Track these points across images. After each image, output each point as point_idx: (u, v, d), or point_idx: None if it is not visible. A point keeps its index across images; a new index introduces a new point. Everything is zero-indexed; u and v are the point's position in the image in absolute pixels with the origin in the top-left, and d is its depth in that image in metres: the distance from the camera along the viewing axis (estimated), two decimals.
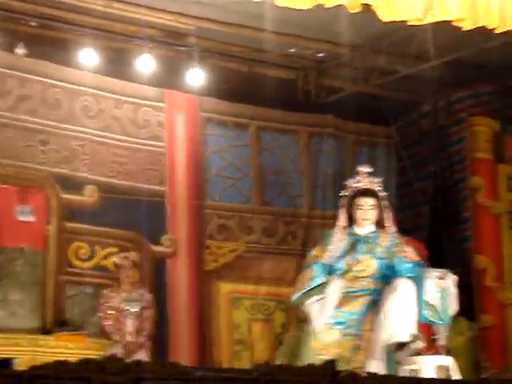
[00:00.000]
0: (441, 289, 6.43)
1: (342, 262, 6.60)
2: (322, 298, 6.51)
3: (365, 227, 6.68)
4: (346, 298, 6.53)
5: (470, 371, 8.78)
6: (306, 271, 6.70)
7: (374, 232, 6.68)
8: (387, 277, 6.59)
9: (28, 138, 8.85)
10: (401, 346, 6.36)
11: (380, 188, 6.72)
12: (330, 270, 6.64)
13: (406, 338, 6.34)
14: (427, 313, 6.46)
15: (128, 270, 8.36)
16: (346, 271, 6.60)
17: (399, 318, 6.37)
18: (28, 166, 8.79)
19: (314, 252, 6.78)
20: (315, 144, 10.32)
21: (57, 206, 8.87)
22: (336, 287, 6.52)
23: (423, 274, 6.50)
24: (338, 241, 6.67)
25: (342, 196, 6.76)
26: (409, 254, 6.64)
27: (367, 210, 6.64)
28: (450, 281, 6.48)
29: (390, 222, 6.71)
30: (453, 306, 6.57)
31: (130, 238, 9.19)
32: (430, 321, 6.53)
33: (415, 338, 6.44)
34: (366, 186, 6.70)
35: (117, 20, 9.02)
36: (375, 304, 6.56)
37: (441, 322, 6.56)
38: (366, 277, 6.59)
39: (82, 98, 9.18)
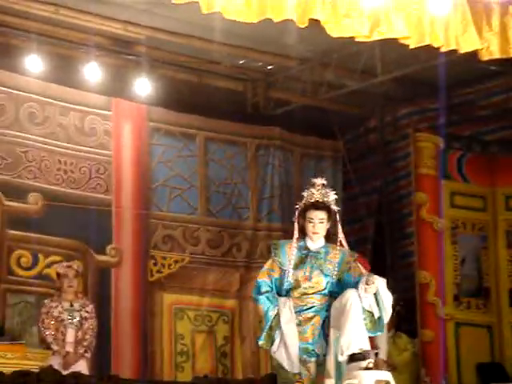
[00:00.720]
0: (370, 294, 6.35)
1: (291, 277, 6.52)
2: (281, 339, 6.41)
3: (315, 241, 6.54)
4: (299, 326, 6.43)
5: None
6: (259, 305, 6.58)
7: (324, 247, 6.59)
8: (336, 293, 6.53)
9: None
10: (352, 360, 6.31)
11: (333, 201, 6.62)
12: (279, 285, 6.54)
13: (357, 351, 6.28)
14: (366, 323, 6.40)
15: (71, 279, 8.26)
16: (295, 287, 6.53)
17: (352, 331, 6.31)
18: None
19: (266, 266, 6.65)
20: (262, 156, 10.34)
21: None
22: (288, 317, 6.41)
23: None
24: (289, 253, 6.58)
25: (296, 208, 6.68)
26: (359, 269, 6.55)
27: (317, 223, 6.52)
28: (379, 283, 6.38)
29: (341, 238, 6.61)
30: (388, 311, 6.47)
31: (75, 247, 9.13)
32: (369, 332, 6.46)
33: (368, 355, 6.40)
34: (317, 199, 6.60)
35: (64, 26, 8.96)
36: (329, 320, 6.50)
37: (378, 333, 6.50)
38: (314, 293, 6.52)
39: (27, 105, 9.11)
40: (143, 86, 9.51)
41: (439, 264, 9.19)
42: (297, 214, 6.54)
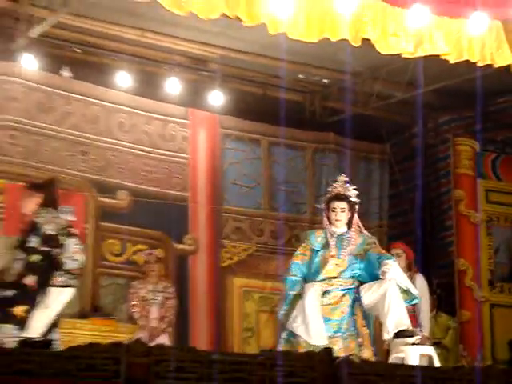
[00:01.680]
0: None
1: (320, 256, 6.52)
2: (301, 315, 6.36)
3: (338, 227, 6.59)
4: (329, 306, 6.39)
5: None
6: (284, 284, 6.59)
7: (347, 232, 6.61)
8: (361, 276, 6.48)
9: (71, 149, 8.92)
10: (398, 336, 6.28)
11: (353, 194, 6.64)
12: (308, 269, 6.52)
13: (406, 327, 6.25)
14: (403, 296, 6.35)
15: (153, 264, 8.38)
16: (323, 264, 6.51)
17: (397, 312, 6.28)
18: (70, 172, 8.84)
19: (299, 250, 6.68)
20: (319, 158, 10.33)
21: (94, 208, 8.92)
22: (313, 299, 6.37)
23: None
24: (317, 237, 6.62)
25: (323, 200, 6.72)
26: (378, 249, 6.57)
27: (339, 211, 6.55)
28: (392, 269, 6.34)
29: (360, 224, 6.61)
30: (408, 283, 6.42)
31: (157, 237, 9.21)
32: (408, 302, 6.39)
33: (414, 332, 6.39)
34: (338, 192, 6.64)
35: (149, 47, 9.05)
36: (358, 301, 6.44)
37: (415, 301, 6.45)
38: (342, 272, 6.49)
39: (117, 115, 9.24)
40: (216, 97, 9.57)
41: (475, 253, 9.09)
42: (324, 205, 6.59)
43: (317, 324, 6.24)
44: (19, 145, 8.69)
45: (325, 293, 6.37)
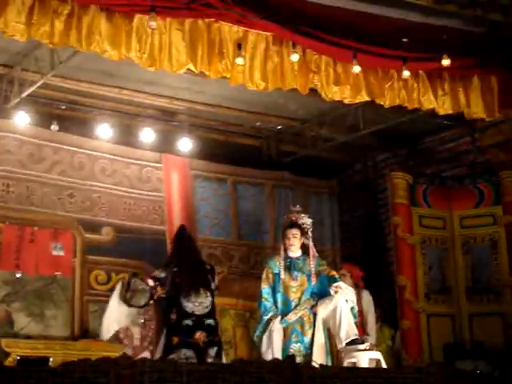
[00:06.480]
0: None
1: (280, 279, 6.50)
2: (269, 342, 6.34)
3: (293, 252, 6.57)
4: (304, 322, 6.36)
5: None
6: (259, 308, 6.57)
7: (302, 256, 6.58)
8: (316, 293, 6.46)
9: (59, 193, 8.81)
10: (350, 344, 6.26)
11: (306, 222, 6.59)
12: (274, 291, 6.49)
13: (356, 337, 6.26)
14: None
15: None
16: (285, 287, 6.50)
17: (347, 324, 6.27)
18: (59, 213, 8.75)
19: (263, 275, 6.67)
20: (276, 194, 10.31)
21: (81, 243, 8.79)
22: (278, 328, 6.36)
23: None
24: (275, 262, 6.60)
25: (280, 229, 6.73)
26: (330, 270, 6.57)
27: (291, 237, 6.53)
28: (342, 288, 6.36)
29: (312, 248, 6.58)
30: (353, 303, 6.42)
31: (139, 267, 9.02)
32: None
33: (364, 340, 6.40)
34: (291, 220, 6.61)
35: (125, 103, 9.02)
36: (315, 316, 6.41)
37: (355, 319, 6.44)
38: (302, 291, 6.46)
39: (100, 161, 9.16)
40: (185, 144, 9.54)
41: (412, 270, 9.09)
42: (280, 233, 6.59)
43: (278, 353, 6.22)
44: (14, 192, 8.57)
45: (293, 308, 6.34)
